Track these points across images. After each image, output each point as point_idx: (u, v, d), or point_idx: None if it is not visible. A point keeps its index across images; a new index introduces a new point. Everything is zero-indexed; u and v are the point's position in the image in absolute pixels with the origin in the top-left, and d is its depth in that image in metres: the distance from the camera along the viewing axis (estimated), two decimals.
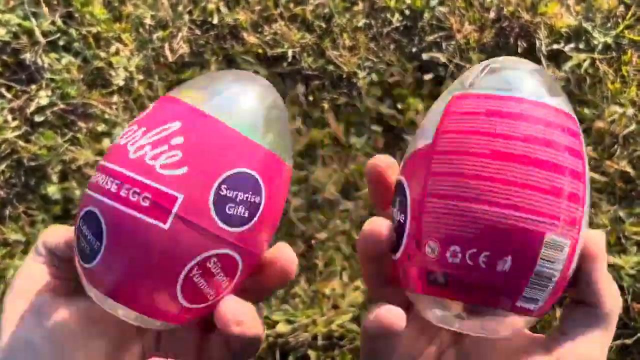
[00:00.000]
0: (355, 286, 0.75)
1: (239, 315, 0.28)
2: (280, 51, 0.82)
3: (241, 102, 0.32)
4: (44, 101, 0.82)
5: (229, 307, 0.29)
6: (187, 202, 0.29)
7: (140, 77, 0.83)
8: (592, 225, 0.74)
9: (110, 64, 0.84)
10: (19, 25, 0.84)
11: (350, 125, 0.80)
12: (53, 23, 0.84)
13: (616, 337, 0.70)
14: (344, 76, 0.81)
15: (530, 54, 0.79)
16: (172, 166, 0.29)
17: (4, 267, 0.77)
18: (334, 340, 0.73)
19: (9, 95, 0.83)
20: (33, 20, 0.84)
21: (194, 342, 0.33)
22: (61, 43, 0.84)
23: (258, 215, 0.32)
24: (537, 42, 0.79)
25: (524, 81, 0.31)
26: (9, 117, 0.82)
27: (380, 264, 0.31)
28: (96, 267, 0.29)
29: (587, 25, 0.79)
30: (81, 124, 0.82)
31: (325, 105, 0.81)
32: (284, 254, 0.32)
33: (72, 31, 0.84)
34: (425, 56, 0.81)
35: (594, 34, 0.79)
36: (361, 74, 0.81)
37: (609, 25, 0.79)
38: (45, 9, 0.83)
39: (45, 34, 0.84)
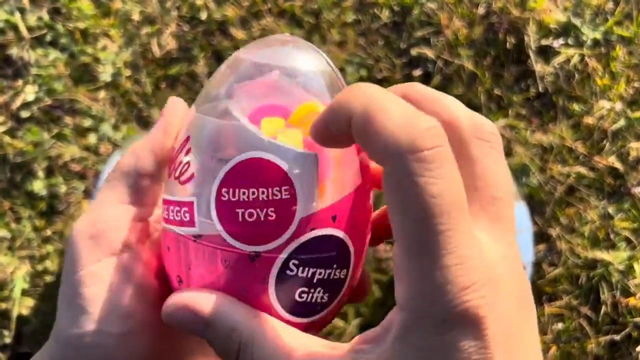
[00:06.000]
0: None
1: None
2: None
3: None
4: (30, 97, 0.81)
5: None
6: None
7: (128, 72, 0.83)
8: (581, 220, 0.73)
9: (97, 60, 0.83)
10: (6, 20, 0.83)
11: None
12: (40, 18, 0.84)
13: (605, 333, 0.69)
14: None
15: (519, 49, 0.79)
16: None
17: None
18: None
19: None
20: (19, 15, 0.83)
21: None
22: (48, 38, 0.83)
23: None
24: (526, 38, 0.78)
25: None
26: None
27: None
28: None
29: (576, 21, 0.79)
30: (67, 119, 0.81)
31: None
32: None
33: (59, 26, 0.83)
34: (414, 52, 0.80)
35: (582, 29, 0.78)
36: (350, 69, 0.80)
37: (597, 21, 0.79)
38: (26, 1, 0.83)
39: (31, 29, 0.83)
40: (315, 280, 0.25)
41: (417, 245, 0.20)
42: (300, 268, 0.24)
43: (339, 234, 0.25)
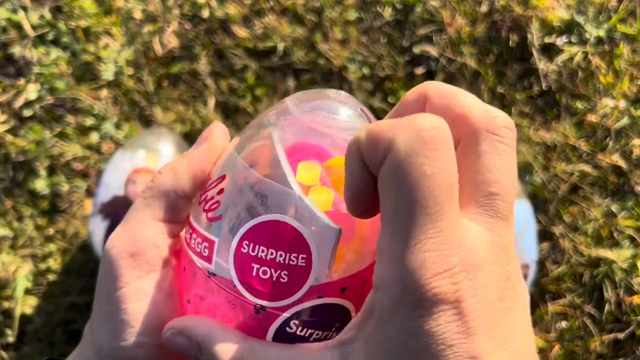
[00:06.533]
0: None
1: None
2: (270, 45, 0.82)
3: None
4: (32, 95, 0.81)
5: None
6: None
7: (130, 71, 0.83)
8: (585, 218, 0.73)
9: (99, 58, 0.83)
10: (8, 19, 0.83)
11: None
12: (42, 17, 0.83)
13: (608, 331, 0.69)
14: (335, 70, 0.81)
15: (522, 47, 0.79)
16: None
17: None
18: None
19: None
20: (22, 13, 0.83)
21: None
22: (50, 37, 0.83)
23: None
24: (529, 36, 0.78)
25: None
26: None
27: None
28: None
29: (579, 19, 0.78)
30: (70, 118, 0.81)
31: None
32: None
33: (61, 25, 0.83)
34: (416, 50, 0.80)
35: (586, 27, 0.78)
36: (352, 67, 0.80)
37: (601, 18, 0.79)
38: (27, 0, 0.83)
39: (34, 28, 0.83)
40: (311, 339, 0.26)
41: (400, 226, 0.21)
42: (300, 327, 0.25)
43: (346, 304, 0.26)
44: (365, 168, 0.22)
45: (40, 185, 0.79)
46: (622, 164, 0.73)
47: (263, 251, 0.25)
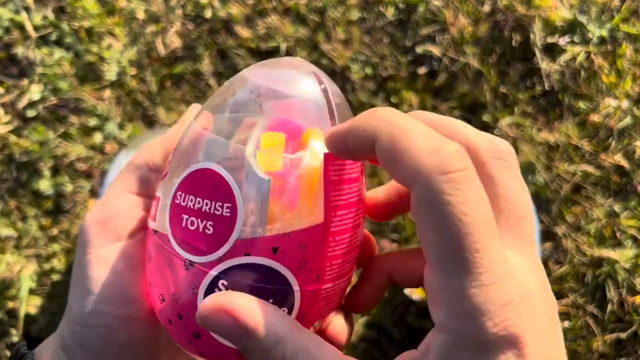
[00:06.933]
0: None
1: None
2: (273, 45, 0.82)
3: None
4: (35, 96, 0.81)
5: None
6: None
7: (133, 71, 0.83)
8: (587, 218, 0.73)
9: (102, 59, 0.83)
10: (11, 19, 0.83)
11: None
12: (45, 17, 0.84)
13: (611, 331, 0.70)
14: (338, 70, 0.81)
15: (525, 47, 0.79)
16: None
17: None
18: None
19: (0, 90, 0.82)
20: (25, 14, 0.83)
21: None
22: (53, 37, 0.83)
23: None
24: (532, 36, 0.78)
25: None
26: (1, 112, 0.81)
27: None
28: None
29: (582, 19, 0.78)
30: (73, 118, 0.81)
31: None
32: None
33: (64, 25, 0.83)
34: (419, 50, 0.80)
35: (588, 27, 0.78)
36: (355, 67, 0.80)
37: (603, 18, 0.79)
38: (30, 0, 0.83)
39: (37, 28, 0.83)
40: None
41: (452, 264, 0.20)
42: (230, 291, 0.23)
43: (278, 267, 0.23)
44: (366, 153, 0.22)
45: (44, 185, 0.80)
46: (624, 163, 0.73)
47: (192, 200, 0.24)
